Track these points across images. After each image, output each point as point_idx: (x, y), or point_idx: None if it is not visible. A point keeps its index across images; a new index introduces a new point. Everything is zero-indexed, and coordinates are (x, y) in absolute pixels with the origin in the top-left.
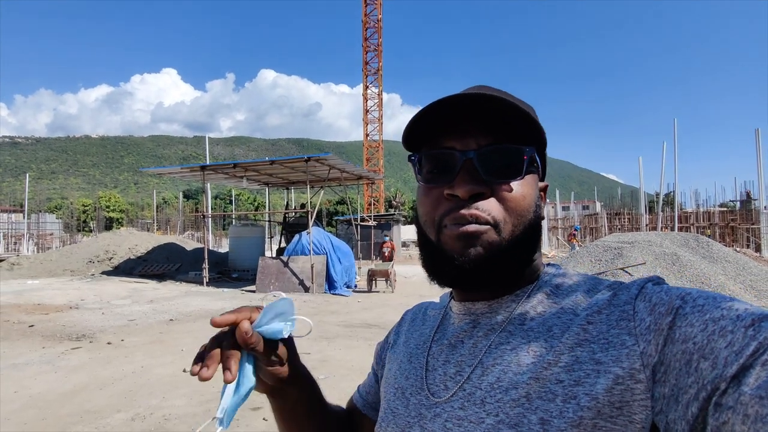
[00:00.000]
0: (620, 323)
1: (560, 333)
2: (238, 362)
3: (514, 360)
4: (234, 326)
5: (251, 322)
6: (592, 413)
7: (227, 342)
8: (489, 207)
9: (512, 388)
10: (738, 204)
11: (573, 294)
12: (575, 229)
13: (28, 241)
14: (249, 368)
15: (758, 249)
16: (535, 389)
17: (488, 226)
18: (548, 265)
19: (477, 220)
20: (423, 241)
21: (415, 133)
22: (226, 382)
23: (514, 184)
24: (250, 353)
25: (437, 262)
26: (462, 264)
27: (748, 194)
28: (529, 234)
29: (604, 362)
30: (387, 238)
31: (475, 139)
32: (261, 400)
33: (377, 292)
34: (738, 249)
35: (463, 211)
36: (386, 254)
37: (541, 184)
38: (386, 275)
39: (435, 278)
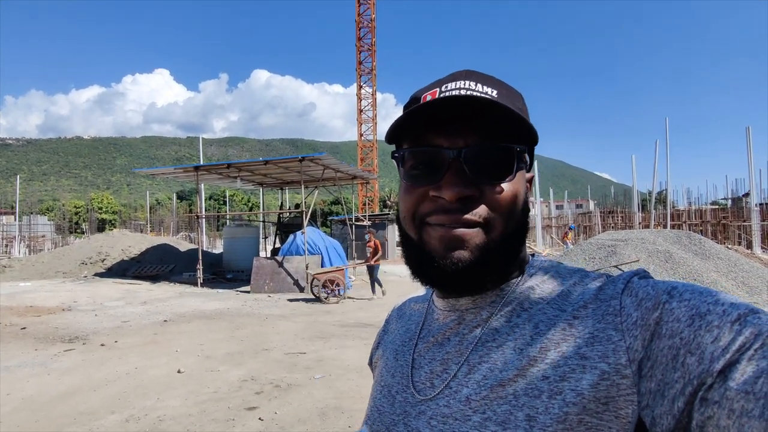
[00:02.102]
0: (606, 318)
1: (546, 329)
2: None
3: (500, 357)
4: None
5: None
6: (577, 409)
7: None
8: (478, 210)
9: (498, 385)
10: (729, 202)
11: (558, 288)
12: (570, 228)
13: (20, 243)
14: None
15: (750, 246)
16: (521, 386)
17: (476, 229)
18: (533, 257)
19: (465, 224)
20: (404, 239)
21: (400, 129)
22: None
23: (505, 185)
24: None
25: (418, 261)
26: (444, 266)
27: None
28: (518, 230)
29: (590, 357)
30: (367, 237)
31: (463, 137)
32: (257, 399)
33: (327, 301)
34: (730, 246)
35: (450, 216)
36: (369, 255)
37: (528, 176)
38: (331, 283)
39: (417, 277)
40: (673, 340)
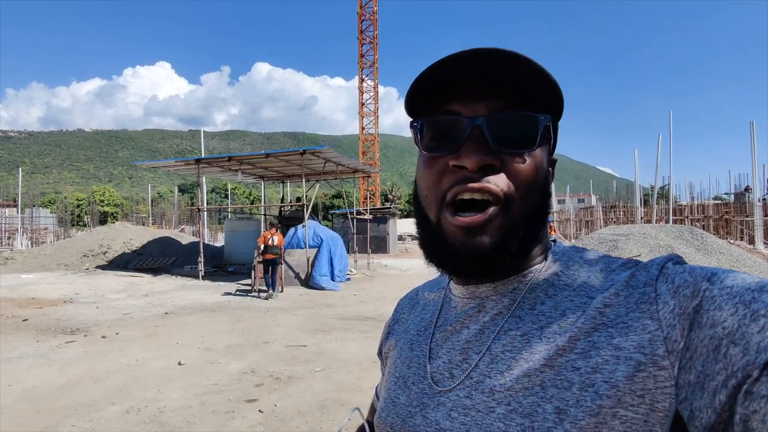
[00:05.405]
0: (641, 306)
1: (574, 317)
2: None
3: (526, 347)
4: None
5: None
6: (611, 402)
7: None
8: (499, 181)
9: (524, 376)
10: (732, 197)
11: (585, 274)
12: (549, 221)
13: (22, 235)
14: None
15: (752, 241)
16: (549, 377)
17: (496, 207)
18: (555, 242)
19: (485, 196)
20: (421, 221)
21: (418, 97)
22: None
23: (527, 156)
24: None
25: (436, 246)
26: (464, 254)
27: None
28: (539, 210)
29: (624, 348)
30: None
31: (484, 104)
32: (257, 392)
33: (263, 293)
34: (732, 241)
35: (472, 184)
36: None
37: (552, 158)
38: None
39: (433, 262)
40: (714, 330)
